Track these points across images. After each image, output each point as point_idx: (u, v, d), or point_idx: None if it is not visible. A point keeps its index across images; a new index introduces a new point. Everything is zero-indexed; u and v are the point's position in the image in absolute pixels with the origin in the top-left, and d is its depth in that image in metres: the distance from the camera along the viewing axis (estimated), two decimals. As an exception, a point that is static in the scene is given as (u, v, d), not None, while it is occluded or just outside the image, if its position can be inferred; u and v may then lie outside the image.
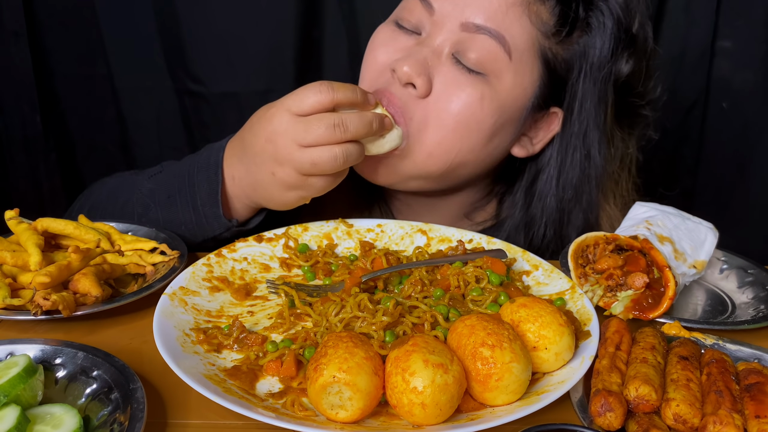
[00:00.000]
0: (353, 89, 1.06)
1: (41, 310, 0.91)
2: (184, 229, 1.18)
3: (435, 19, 1.17)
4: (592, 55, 1.19)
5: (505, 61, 1.15)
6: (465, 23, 1.14)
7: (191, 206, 1.16)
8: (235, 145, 1.16)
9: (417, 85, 1.14)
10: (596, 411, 0.77)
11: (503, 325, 0.82)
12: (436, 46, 1.16)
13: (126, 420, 0.72)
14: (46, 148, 1.91)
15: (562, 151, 1.26)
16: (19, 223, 1.07)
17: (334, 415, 0.75)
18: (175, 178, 1.20)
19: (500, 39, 1.14)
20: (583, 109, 1.22)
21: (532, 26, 1.15)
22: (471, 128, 1.17)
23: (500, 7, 1.14)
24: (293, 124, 1.03)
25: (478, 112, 1.16)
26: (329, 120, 1.02)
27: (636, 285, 1.02)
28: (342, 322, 0.91)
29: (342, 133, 1.03)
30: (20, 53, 1.79)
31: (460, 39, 1.15)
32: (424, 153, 1.17)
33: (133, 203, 1.23)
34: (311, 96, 1.03)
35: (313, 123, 1.02)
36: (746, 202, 1.93)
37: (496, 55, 1.14)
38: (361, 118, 1.05)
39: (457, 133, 1.16)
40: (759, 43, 1.79)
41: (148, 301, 0.98)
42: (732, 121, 1.89)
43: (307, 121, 1.03)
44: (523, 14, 1.14)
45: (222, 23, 1.84)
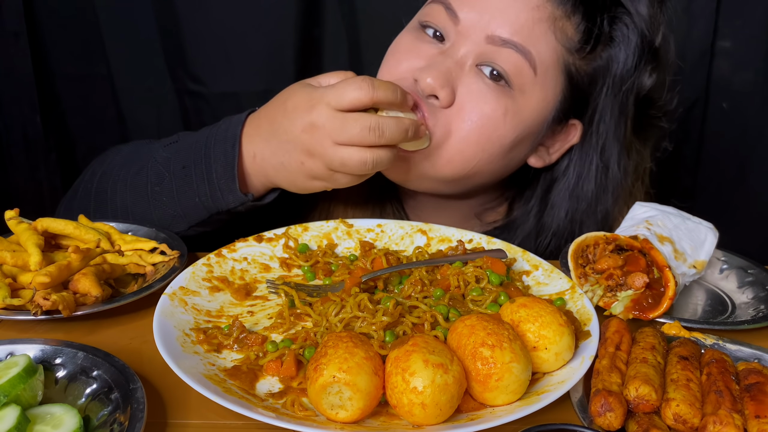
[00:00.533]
0: (394, 89, 1.06)
1: (41, 310, 0.91)
2: (198, 201, 1.17)
3: (460, 29, 1.16)
4: (614, 68, 1.19)
5: (529, 76, 1.15)
6: (491, 36, 1.13)
7: (206, 178, 1.16)
8: (262, 123, 1.14)
9: (440, 97, 1.14)
10: (596, 411, 0.77)
11: (503, 325, 0.82)
12: (459, 57, 1.16)
13: (126, 420, 0.72)
14: (46, 148, 1.91)
15: (579, 163, 1.27)
16: (19, 223, 1.07)
17: (334, 415, 0.75)
18: (191, 149, 1.19)
19: (526, 54, 1.13)
20: (603, 122, 1.22)
21: (557, 42, 1.15)
22: (492, 141, 1.17)
23: (527, 22, 1.13)
24: (331, 119, 1.03)
25: (500, 127, 1.16)
26: (366, 122, 1.02)
27: (636, 285, 1.02)
28: (342, 322, 0.91)
29: (377, 138, 1.02)
30: (20, 53, 1.79)
31: (484, 51, 1.14)
32: (444, 159, 1.18)
33: (147, 172, 1.21)
34: (352, 92, 1.02)
35: (350, 122, 1.02)
36: (746, 202, 1.93)
37: (521, 70, 1.14)
38: (398, 125, 1.04)
39: (478, 145, 1.17)
40: (759, 43, 1.79)
41: (148, 301, 0.98)
42: (732, 121, 1.89)
43: (345, 118, 1.02)
44: (548, 30, 1.14)
45: (222, 23, 1.84)
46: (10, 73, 1.81)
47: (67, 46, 1.87)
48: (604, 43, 1.18)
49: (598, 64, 1.19)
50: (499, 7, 1.13)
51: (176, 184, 1.18)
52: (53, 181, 1.95)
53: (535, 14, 1.13)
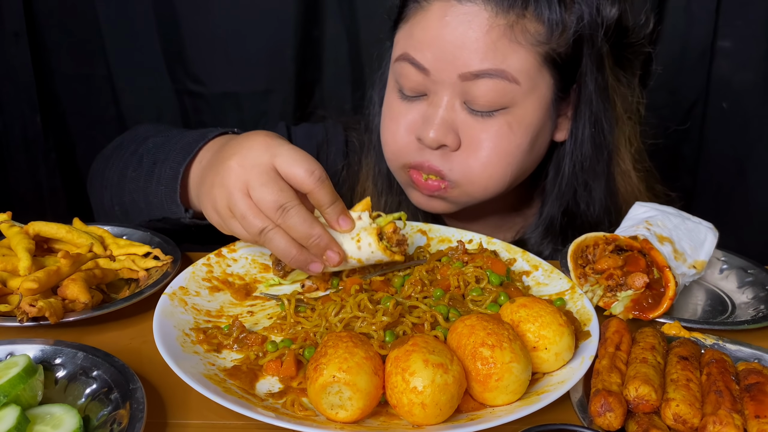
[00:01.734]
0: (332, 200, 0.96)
1: (27, 316, 0.90)
2: (152, 199, 1.17)
3: (433, 79, 1.17)
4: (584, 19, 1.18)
5: (515, 90, 1.15)
6: (462, 74, 1.14)
7: (160, 181, 1.16)
8: (225, 142, 1.10)
9: (448, 143, 1.17)
10: (596, 411, 0.77)
11: (503, 325, 0.82)
12: (445, 103, 1.17)
13: (126, 420, 0.72)
14: (46, 148, 1.91)
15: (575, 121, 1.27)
16: (10, 226, 1.06)
17: (334, 415, 0.75)
18: (164, 147, 1.20)
19: (501, 74, 1.14)
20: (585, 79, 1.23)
21: (524, 46, 1.15)
22: (513, 153, 1.20)
23: (488, 46, 1.13)
24: (263, 171, 0.94)
25: (513, 139, 1.18)
26: (283, 198, 0.93)
27: (636, 285, 1.02)
28: (342, 322, 0.91)
29: (276, 217, 0.93)
30: (20, 53, 1.79)
31: (464, 89, 1.16)
32: (480, 189, 1.22)
33: (135, 156, 1.25)
34: (301, 169, 0.94)
35: (272, 188, 0.93)
36: (746, 202, 1.93)
37: (505, 89, 1.15)
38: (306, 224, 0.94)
39: (501, 163, 1.19)
40: (759, 43, 1.79)
41: (147, 303, 0.98)
42: (732, 121, 1.89)
43: (272, 180, 0.94)
44: (511, 42, 1.14)
45: (222, 23, 1.84)
46: (10, 73, 1.81)
47: (67, 46, 1.87)
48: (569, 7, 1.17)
49: (572, 30, 1.18)
50: (457, 44, 1.14)
51: (144, 177, 1.19)
52: (53, 181, 1.96)
53: (492, 35, 1.13)
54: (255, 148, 0.97)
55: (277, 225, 0.94)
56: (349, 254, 0.99)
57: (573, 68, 1.22)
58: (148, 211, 1.20)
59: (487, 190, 1.22)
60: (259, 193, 0.93)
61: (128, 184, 1.23)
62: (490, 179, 1.20)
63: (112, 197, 1.28)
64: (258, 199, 0.93)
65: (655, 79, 1.31)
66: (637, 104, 1.34)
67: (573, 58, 1.21)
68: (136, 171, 1.22)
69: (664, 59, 1.63)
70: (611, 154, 1.30)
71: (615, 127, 1.28)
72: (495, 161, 1.19)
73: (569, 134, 1.28)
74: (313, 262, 0.97)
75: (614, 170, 1.32)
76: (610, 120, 1.27)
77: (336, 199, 0.97)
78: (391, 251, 1.00)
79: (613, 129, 1.28)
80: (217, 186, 0.98)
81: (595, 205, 1.31)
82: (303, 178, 0.94)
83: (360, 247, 0.99)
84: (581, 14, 1.17)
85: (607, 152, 1.29)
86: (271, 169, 0.94)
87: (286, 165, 0.94)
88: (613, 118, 1.28)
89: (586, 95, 1.24)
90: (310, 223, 0.95)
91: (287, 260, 0.97)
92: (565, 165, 1.30)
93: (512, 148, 1.19)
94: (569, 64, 1.21)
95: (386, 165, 1.32)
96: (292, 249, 0.95)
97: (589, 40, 1.19)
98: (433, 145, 1.17)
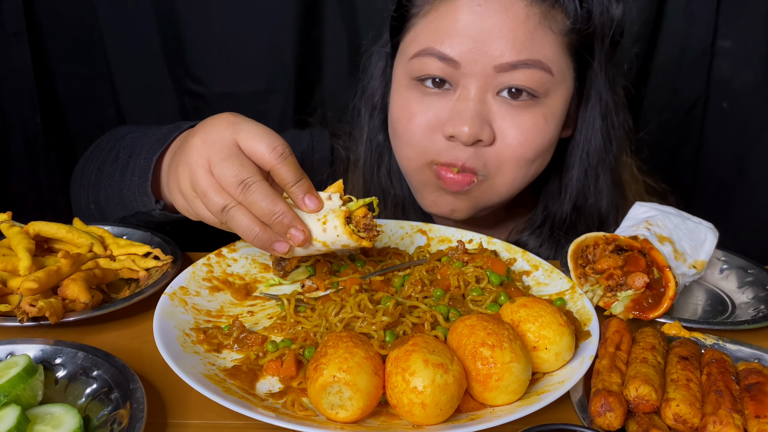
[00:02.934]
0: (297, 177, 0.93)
1: (27, 316, 0.90)
2: (125, 193, 1.17)
3: (463, 71, 1.15)
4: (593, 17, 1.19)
5: (550, 81, 1.16)
6: (498, 65, 1.13)
7: (134, 173, 1.15)
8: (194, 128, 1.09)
9: (483, 138, 1.15)
10: (596, 411, 0.77)
11: (503, 325, 0.82)
12: (475, 96, 1.15)
13: (126, 420, 0.72)
14: (46, 148, 1.91)
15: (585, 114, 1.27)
16: (11, 226, 1.06)
17: (334, 414, 0.75)
18: (140, 141, 1.19)
19: (538, 64, 1.13)
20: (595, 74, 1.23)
21: (556, 35, 1.15)
22: (544, 146, 1.20)
23: (525, 36, 1.12)
24: (224, 147, 0.92)
25: (547, 133, 1.18)
26: (244, 174, 0.90)
27: (636, 285, 1.02)
28: (342, 322, 0.91)
29: (241, 193, 0.90)
30: (20, 53, 1.79)
31: (499, 80, 1.14)
32: (507, 184, 1.21)
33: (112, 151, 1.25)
34: (262, 145, 0.91)
35: (232, 164, 0.90)
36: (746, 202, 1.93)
37: (542, 79, 1.15)
38: (269, 200, 0.91)
39: (532, 158, 1.19)
40: (759, 43, 1.79)
41: (147, 303, 0.98)
42: (732, 121, 1.89)
43: (233, 155, 0.91)
44: (546, 31, 1.14)
45: (222, 23, 1.84)
46: (10, 73, 1.81)
47: (67, 46, 1.87)
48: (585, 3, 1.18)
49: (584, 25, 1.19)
50: (493, 34, 1.11)
51: (119, 171, 1.19)
52: (53, 181, 1.95)
53: (529, 24, 1.12)
54: (218, 125, 0.94)
55: (239, 202, 0.91)
56: (314, 236, 0.94)
57: (585, 61, 1.22)
58: (122, 206, 1.19)
59: (514, 184, 1.22)
60: (220, 169, 0.90)
61: (104, 180, 1.22)
62: (519, 172, 1.20)
63: (88, 195, 1.27)
64: (219, 174, 0.90)
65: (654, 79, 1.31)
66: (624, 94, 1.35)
67: (587, 51, 1.21)
68: (112, 166, 1.21)
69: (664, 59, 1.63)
70: (620, 145, 1.31)
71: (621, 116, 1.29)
72: (529, 154, 1.18)
73: (578, 128, 1.28)
74: (277, 241, 0.93)
75: (620, 161, 1.33)
76: (619, 111, 1.28)
77: (301, 176, 0.93)
78: (357, 236, 0.94)
79: (622, 121, 1.29)
80: (182, 165, 0.96)
81: (602, 198, 1.31)
82: (264, 153, 0.91)
83: (325, 230, 0.94)
84: (594, 10, 1.18)
85: (617, 143, 1.29)
86: (233, 145, 0.92)
87: (247, 140, 0.92)
88: (620, 108, 1.29)
89: (597, 88, 1.24)
90: (273, 199, 0.91)
91: (251, 239, 0.92)
92: (575, 159, 1.30)
93: (545, 141, 1.19)
94: (583, 57, 1.21)
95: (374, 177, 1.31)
96: (255, 227, 0.91)
97: (600, 33, 1.19)
98: (470, 140, 1.14)
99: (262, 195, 0.90)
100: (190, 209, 0.98)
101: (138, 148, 1.18)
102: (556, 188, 1.35)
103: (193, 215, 0.99)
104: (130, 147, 1.21)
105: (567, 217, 1.33)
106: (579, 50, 1.20)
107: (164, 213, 1.14)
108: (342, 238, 0.94)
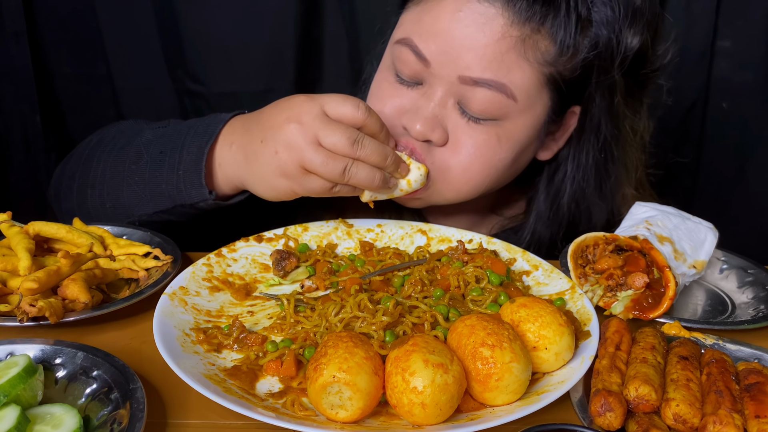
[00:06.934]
0: (381, 124, 1.08)
1: (27, 316, 0.90)
2: (164, 188, 1.17)
3: (432, 71, 1.14)
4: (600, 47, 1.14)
5: (511, 106, 1.13)
6: (462, 77, 1.11)
7: (175, 167, 1.15)
8: (250, 117, 1.15)
9: (434, 139, 1.15)
10: (596, 411, 0.77)
11: (503, 325, 0.82)
12: (439, 98, 1.15)
13: (126, 420, 0.72)
14: (46, 148, 1.91)
15: (578, 147, 1.25)
16: (11, 226, 1.06)
17: (334, 415, 0.75)
18: (172, 136, 1.19)
19: (501, 87, 1.11)
20: (595, 103, 1.21)
21: (531, 63, 1.11)
22: (494, 164, 1.18)
23: (495, 56, 1.09)
24: (318, 119, 1.03)
25: (498, 152, 1.17)
26: (351, 132, 1.02)
27: (636, 285, 1.02)
28: (342, 322, 0.91)
29: (357, 150, 1.02)
30: (20, 53, 1.79)
31: (459, 91, 1.13)
32: (453, 191, 1.20)
33: (129, 150, 1.23)
34: (348, 106, 1.04)
35: (338, 129, 1.02)
36: (746, 202, 1.93)
37: (501, 103, 1.12)
38: (379, 147, 1.05)
39: (482, 172, 1.17)
40: (759, 43, 1.79)
41: (147, 303, 0.97)
42: (732, 121, 1.89)
43: (332, 122, 1.03)
44: (519, 57, 1.10)
45: (222, 23, 1.84)
46: (10, 73, 1.81)
47: (67, 46, 1.87)
48: (585, 29, 1.13)
49: (583, 55, 1.14)
50: (465, 45, 1.10)
51: (150, 168, 1.18)
52: (53, 181, 1.95)
53: (502, 45, 1.09)
54: (297, 103, 1.06)
55: (355, 159, 1.03)
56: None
57: (575, 92, 1.20)
58: (154, 202, 1.19)
59: (460, 194, 1.20)
60: (331, 138, 1.01)
61: (128, 177, 1.21)
62: (466, 185, 1.18)
63: (103, 195, 1.25)
64: (332, 143, 1.01)
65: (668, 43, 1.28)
66: (643, 132, 1.32)
67: (578, 83, 1.18)
68: (137, 164, 1.20)
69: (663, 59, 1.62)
70: (619, 179, 1.28)
71: (623, 154, 1.27)
72: (476, 168, 1.16)
73: (571, 159, 1.26)
74: (391, 178, 1.10)
75: (618, 197, 1.30)
76: (619, 147, 1.25)
77: (382, 122, 1.08)
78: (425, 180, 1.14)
79: (621, 156, 1.26)
80: (282, 151, 1.03)
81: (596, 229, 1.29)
82: (353, 112, 1.04)
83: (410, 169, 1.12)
84: (597, 40, 1.13)
85: (615, 177, 1.27)
86: (324, 115, 1.03)
87: (333, 107, 1.04)
88: (622, 146, 1.26)
89: (593, 122, 1.22)
90: (381, 145, 1.06)
91: (373, 186, 1.06)
92: (566, 186, 1.28)
93: (495, 160, 1.17)
94: (572, 88, 1.18)
95: None
96: (375, 173, 1.05)
97: (600, 68, 1.16)
98: (419, 138, 1.15)
99: (373, 144, 1.04)
100: (296, 188, 1.06)
101: (171, 143, 1.17)
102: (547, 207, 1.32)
103: (297, 193, 1.08)
104: (156, 144, 1.20)
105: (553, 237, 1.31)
106: (566, 81, 1.16)
107: (216, 202, 1.16)
108: (422, 176, 1.13)
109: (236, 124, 1.15)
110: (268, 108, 1.11)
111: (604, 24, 1.13)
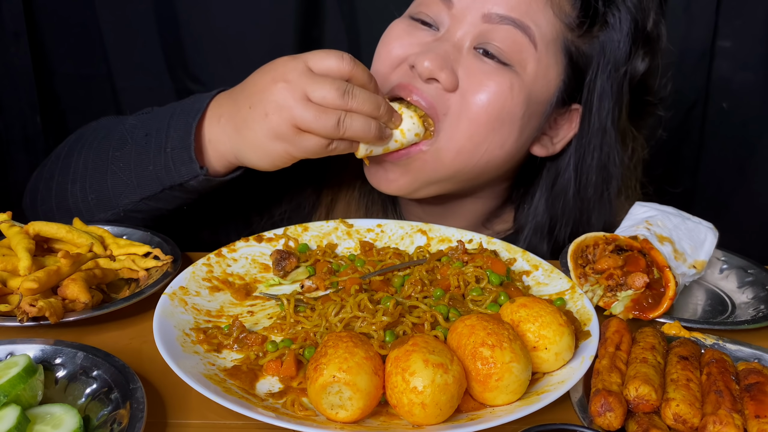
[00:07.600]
0: (370, 75, 1.07)
1: (27, 316, 0.89)
2: (152, 170, 1.13)
3: (454, 13, 1.14)
4: (609, 51, 1.18)
5: (530, 51, 1.13)
6: (487, 14, 1.12)
7: (163, 148, 1.12)
8: (234, 89, 1.14)
9: (441, 80, 1.11)
10: (596, 411, 0.77)
11: (503, 325, 0.82)
12: (456, 40, 1.14)
13: (126, 420, 0.72)
14: (46, 148, 1.91)
15: (581, 150, 1.25)
16: (11, 226, 1.06)
17: (334, 414, 0.75)
18: (156, 118, 1.17)
19: (525, 29, 1.11)
20: (602, 107, 1.21)
21: (555, 18, 1.14)
22: (503, 119, 1.14)
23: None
24: (305, 75, 1.02)
25: (509, 102, 1.13)
26: (340, 83, 1.01)
27: (636, 285, 1.02)
28: (342, 322, 0.91)
29: (349, 100, 1.01)
30: (20, 53, 1.79)
31: (482, 31, 1.12)
32: (454, 150, 1.15)
33: (111, 137, 1.19)
34: (333, 59, 1.03)
35: (326, 81, 1.01)
36: (746, 202, 1.93)
37: (521, 45, 1.12)
38: (370, 96, 1.04)
39: (489, 125, 1.13)
40: (759, 43, 1.79)
41: (147, 303, 0.97)
42: (732, 121, 1.89)
43: (321, 77, 1.02)
44: (546, 5, 1.13)
45: (222, 23, 1.84)
46: (10, 73, 1.81)
47: (67, 46, 1.87)
48: (600, 24, 1.17)
49: (594, 45, 1.18)
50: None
51: (135, 152, 1.15)
52: (53, 181, 1.95)
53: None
54: (285, 64, 1.05)
55: (348, 110, 1.02)
56: None
57: (581, 83, 1.20)
58: (141, 188, 1.15)
59: (461, 153, 1.15)
60: (320, 92, 1.00)
61: (112, 165, 1.17)
62: (469, 140, 1.14)
63: (85, 188, 1.20)
64: (321, 97, 1.00)
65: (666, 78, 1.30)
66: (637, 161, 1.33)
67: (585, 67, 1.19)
68: (121, 150, 1.16)
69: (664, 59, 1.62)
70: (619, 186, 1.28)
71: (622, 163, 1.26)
72: (483, 120, 1.12)
73: (577, 158, 1.25)
74: (386, 128, 1.08)
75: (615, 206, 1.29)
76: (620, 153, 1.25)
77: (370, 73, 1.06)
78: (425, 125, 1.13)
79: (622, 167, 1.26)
80: (272, 113, 1.02)
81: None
82: (338, 64, 1.03)
83: (402, 118, 1.11)
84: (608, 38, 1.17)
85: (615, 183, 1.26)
86: (308, 70, 1.02)
87: (317, 62, 1.03)
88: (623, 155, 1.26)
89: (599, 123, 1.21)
90: (372, 94, 1.04)
91: (369, 137, 1.05)
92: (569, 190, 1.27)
93: (504, 113, 1.13)
94: (581, 72, 1.19)
95: None
96: (370, 122, 1.04)
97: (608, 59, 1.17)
98: (424, 75, 1.12)
99: (364, 94, 1.03)
100: (292, 149, 1.05)
101: (156, 125, 1.15)
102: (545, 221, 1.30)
103: (294, 156, 1.06)
104: (141, 128, 1.17)
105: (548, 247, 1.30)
106: (576, 59, 1.17)
107: (207, 179, 1.12)
108: (416, 125, 1.12)
109: (222, 99, 1.14)
110: (251, 75, 1.10)
111: (616, 29, 1.17)
